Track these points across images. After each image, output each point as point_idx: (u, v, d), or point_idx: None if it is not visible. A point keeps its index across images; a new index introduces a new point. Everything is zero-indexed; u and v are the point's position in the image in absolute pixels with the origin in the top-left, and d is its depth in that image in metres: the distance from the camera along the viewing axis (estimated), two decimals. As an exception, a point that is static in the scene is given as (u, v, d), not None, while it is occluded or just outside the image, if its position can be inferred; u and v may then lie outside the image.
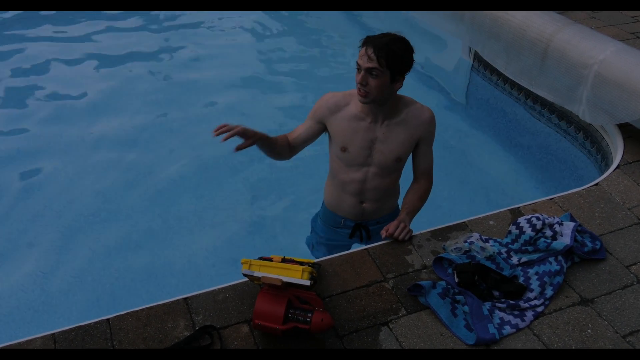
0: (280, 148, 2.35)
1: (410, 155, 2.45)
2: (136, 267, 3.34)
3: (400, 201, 2.63)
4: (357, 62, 2.18)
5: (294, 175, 3.98)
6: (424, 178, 2.46)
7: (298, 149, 2.44)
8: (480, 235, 2.32)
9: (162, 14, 6.47)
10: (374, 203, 2.50)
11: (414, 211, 2.40)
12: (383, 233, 2.31)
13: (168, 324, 1.97)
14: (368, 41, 2.15)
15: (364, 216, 2.55)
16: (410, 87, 2.30)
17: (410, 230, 2.34)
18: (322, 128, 2.40)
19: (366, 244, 2.58)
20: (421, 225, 2.46)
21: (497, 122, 4.37)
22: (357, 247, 2.40)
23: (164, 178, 4.04)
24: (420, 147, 2.41)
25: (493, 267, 2.20)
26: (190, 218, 3.72)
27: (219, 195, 3.92)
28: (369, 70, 2.13)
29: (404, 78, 2.23)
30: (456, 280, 2.12)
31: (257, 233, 3.63)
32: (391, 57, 2.12)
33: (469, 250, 2.23)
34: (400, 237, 2.31)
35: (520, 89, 3.96)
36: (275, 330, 1.83)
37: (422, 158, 2.44)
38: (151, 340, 1.91)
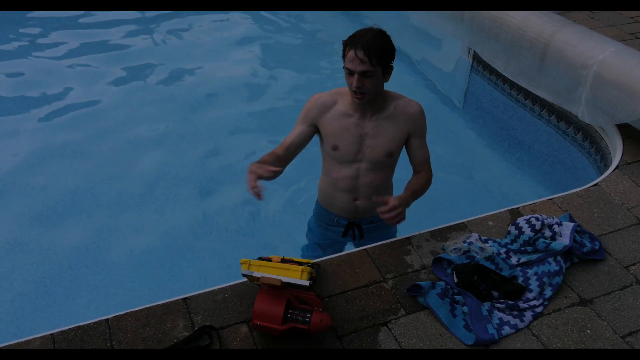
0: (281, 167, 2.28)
1: (405, 151, 2.44)
2: (136, 266, 3.34)
3: None
4: (346, 67, 2.15)
5: (294, 175, 3.99)
6: (423, 170, 2.44)
7: (291, 158, 2.40)
8: (479, 236, 2.32)
9: (159, 14, 6.46)
10: (367, 200, 2.48)
11: (416, 192, 2.35)
12: (379, 201, 2.18)
13: (167, 324, 1.97)
14: (354, 43, 2.11)
15: (357, 214, 2.54)
16: (409, 87, 2.30)
17: (403, 218, 2.22)
18: (314, 130, 2.39)
19: (359, 243, 2.58)
20: (420, 225, 2.46)
21: (496, 123, 4.37)
22: (355, 248, 2.40)
23: (167, 178, 4.05)
24: (411, 141, 2.39)
25: (492, 267, 2.20)
26: (190, 217, 3.72)
27: (220, 193, 3.93)
28: (363, 73, 2.12)
29: (392, 69, 2.23)
30: (455, 280, 2.12)
31: (257, 233, 3.63)
32: (380, 54, 2.12)
33: (468, 251, 2.23)
34: (393, 222, 2.19)
35: (520, 89, 3.96)
36: (274, 331, 1.83)
37: (417, 152, 2.41)
38: (150, 341, 1.90)
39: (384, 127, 2.32)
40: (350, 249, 2.59)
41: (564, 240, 2.28)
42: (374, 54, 2.10)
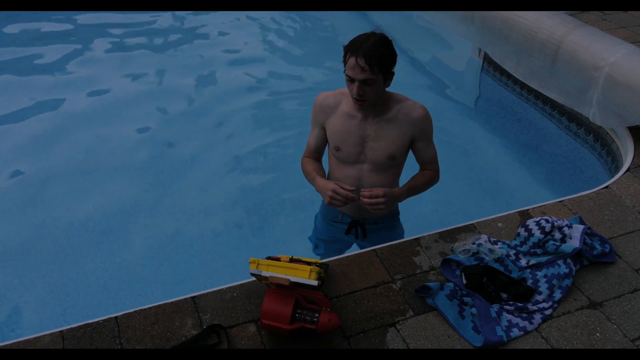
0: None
1: (411, 153, 2.44)
2: (145, 265, 3.35)
3: (400, 203, 2.62)
4: (347, 74, 2.12)
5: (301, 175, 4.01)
6: (429, 169, 2.43)
7: (321, 157, 2.51)
8: (488, 237, 2.32)
9: (160, 14, 6.48)
10: None
11: (415, 188, 2.35)
12: (365, 193, 2.19)
13: (176, 322, 1.97)
14: (355, 50, 2.08)
15: (360, 213, 2.53)
16: (419, 88, 2.29)
17: (383, 209, 2.19)
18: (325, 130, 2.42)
19: (362, 242, 2.58)
20: (429, 226, 2.45)
21: (506, 124, 4.36)
22: (361, 249, 2.40)
23: (172, 176, 4.06)
24: (416, 144, 2.37)
25: (501, 269, 2.19)
26: (199, 216, 3.73)
27: (226, 193, 3.93)
28: (364, 81, 2.09)
29: (393, 75, 2.20)
30: (464, 282, 2.12)
31: (266, 232, 3.63)
32: (381, 62, 2.08)
33: (477, 252, 2.22)
34: (371, 208, 2.18)
35: (531, 90, 3.94)
36: (282, 330, 1.83)
37: (422, 154, 2.40)
38: (158, 339, 1.91)
39: (386, 130, 2.30)
40: (356, 249, 2.59)
41: (574, 242, 2.27)
42: (375, 62, 2.06)
